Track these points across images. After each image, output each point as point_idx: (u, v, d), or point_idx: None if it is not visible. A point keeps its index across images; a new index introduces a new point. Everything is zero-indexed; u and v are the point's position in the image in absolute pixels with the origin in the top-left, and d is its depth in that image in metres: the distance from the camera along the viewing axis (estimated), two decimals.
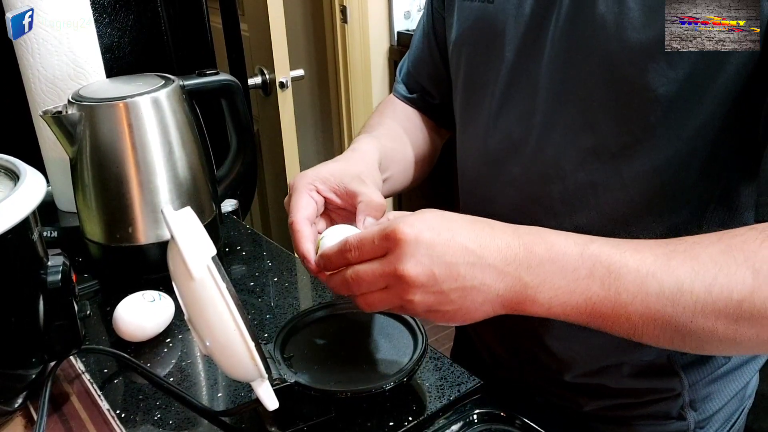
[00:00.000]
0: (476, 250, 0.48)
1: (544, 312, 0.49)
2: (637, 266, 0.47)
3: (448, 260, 0.48)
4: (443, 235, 0.48)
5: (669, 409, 0.71)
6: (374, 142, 0.75)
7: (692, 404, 0.70)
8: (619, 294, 0.47)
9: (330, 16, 2.50)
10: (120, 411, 0.66)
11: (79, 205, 0.87)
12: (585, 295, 0.48)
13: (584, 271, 0.47)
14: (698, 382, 0.70)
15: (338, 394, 0.62)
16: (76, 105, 0.81)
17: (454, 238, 0.48)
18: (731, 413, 0.75)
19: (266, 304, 0.84)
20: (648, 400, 0.71)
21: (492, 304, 0.50)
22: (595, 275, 0.47)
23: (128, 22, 1.12)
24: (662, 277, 0.46)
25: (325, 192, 0.65)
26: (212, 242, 0.52)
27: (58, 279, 0.63)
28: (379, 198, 0.63)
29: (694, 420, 0.71)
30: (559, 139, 0.64)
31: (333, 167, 0.66)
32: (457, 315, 0.51)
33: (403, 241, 0.48)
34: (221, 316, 0.52)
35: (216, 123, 0.98)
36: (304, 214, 0.62)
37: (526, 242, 0.49)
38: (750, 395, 0.78)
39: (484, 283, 0.49)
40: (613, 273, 0.47)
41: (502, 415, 0.63)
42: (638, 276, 0.47)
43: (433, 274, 0.48)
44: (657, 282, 0.46)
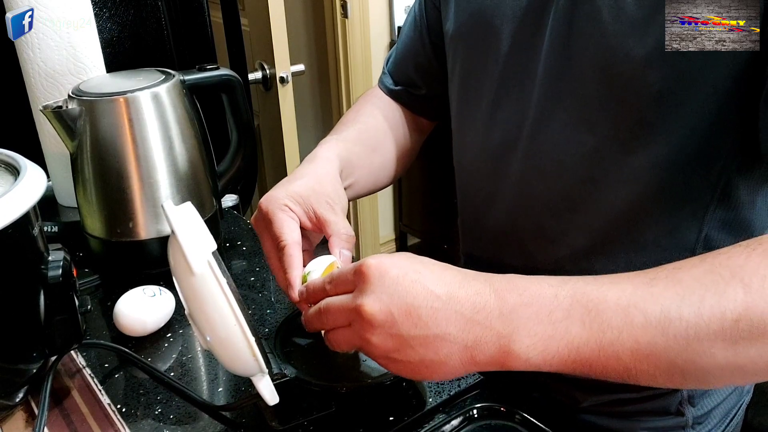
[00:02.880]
0: (442, 296, 0.45)
1: (524, 364, 0.45)
2: (617, 298, 0.43)
3: (408, 302, 0.45)
4: (409, 276, 0.46)
5: (667, 404, 0.70)
6: (336, 148, 0.74)
7: (690, 400, 0.70)
8: (603, 332, 0.43)
9: (330, 11, 2.50)
10: (121, 405, 0.66)
11: (79, 199, 0.87)
12: (565, 339, 0.44)
13: (561, 313, 0.44)
14: None
15: (338, 388, 0.62)
16: (77, 100, 0.81)
17: (420, 280, 0.46)
18: (729, 409, 0.74)
19: (266, 299, 0.84)
20: (646, 396, 0.70)
21: (460, 359, 0.45)
22: (573, 315, 0.43)
23: (128, 16, 1.12)
24: (645, 306, 0.43)
25: (299, 214, 0.64)
26: (213, 237, 0.52)
27: (58, 274, 0.64)
28: (347, 229, 0.63)
29: (692, 415, 0.71)
30: (556, 135, 0.64)
31: (300, 188, 0.65)
32: (420, 368, 0.47)
33: (367, 276, 0.47)
34: (222, 310, 0.52)
35: (216, 118, 0.98)
36: (295, 238, 0.62)
37: (498, 288, 0.46)
38: (748, 391, 0.78)
39: (449, 332, 0.45)
40: (593, 310, 0.43)
41: (502, 410, 0.63)
42: (619, 309, 0.43)
43: (391, 314, 0.45)
44: (641, 312, 0.43)
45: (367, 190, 0.82)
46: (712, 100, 0.55)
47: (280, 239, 0.62)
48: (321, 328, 0.53)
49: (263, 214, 0.65)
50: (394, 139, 0.85)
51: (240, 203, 1.13)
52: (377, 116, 0.85)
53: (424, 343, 0.45)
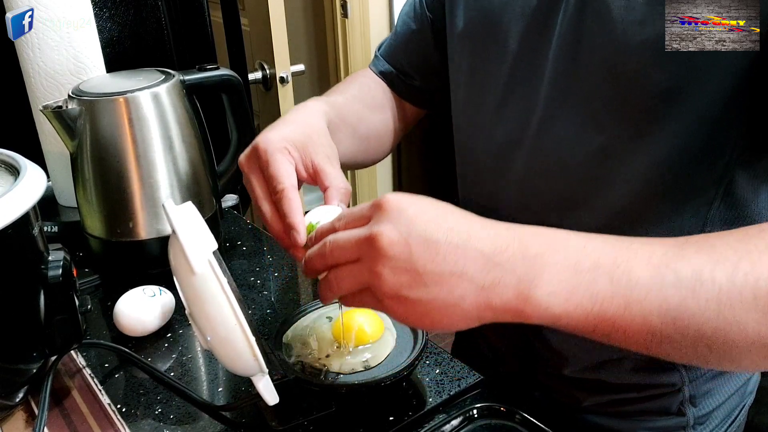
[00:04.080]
0: (462, 233, 0.42)
1: (542, 314, 0.42)
2: (648, 256, 0.41)
3: (428, 236, 0.42)
4: (430, 212, 0.44)
5: (669, 404, 0.70)
6: (323, 106, 0.71)
7: (692, 400, 0.70)
8: (630, 288, 0.40)
9: (330, 11, 2.50)
10: (121, 405, 0.66)
11: (79, 199, 0.87)
12: (590, 292, 0.41)
13: (588, 263, 0.41)
14: (699, 378, 0.69)
15: (339, 388, 0.62)
16: (77, 100, 0.81)
17: (441, 216, 0.43)
18: (731, 409, 0.74)
19: (267, 299, 0.84)
20: (648, 395, 0.70)
21: (475, 301, 0.42)
22: (601, 268, 0.41)
23: (128, 16, 1.12)
24: (677, 266, 0.40)
25: (296, 159, 0.60)
26: (213, 237, 0.52)
27: (58, 274, 0.64)
28: (344, 182, 0.61)
29: (693, 416, 0.71)
30: (562, 134, 0.63)
31: (296, 134, 0.62)
32: (430, 311, 0.43)
33: (386, 208, 0.44)
34: (222, 310, 0.52)
35: (216, 118, 0.98)
36: (292, 182, 0.58)
37: (521, 234, 0.43)
38: (751, 391, 0.77)
39: (466, 271, 0.42)
40: (621, 265, 0.41)
41: (502, 410, 0.63)
42: (650, 266, 0.40)
43: (408, 245, 0.42)
44: (672, 271, 0.40)
45: (349, 157, 0.78)
46: (718, 97, 0.55)
47: (278, 182, 0.57)
48: (323, 267, 0.48)
49: (259, 154, 0.60)
50: (383, 116, 0.83)
51: (240, 203, 1.13)
52: (365, 91, 0.83)
53: (439, 281, 0.42)
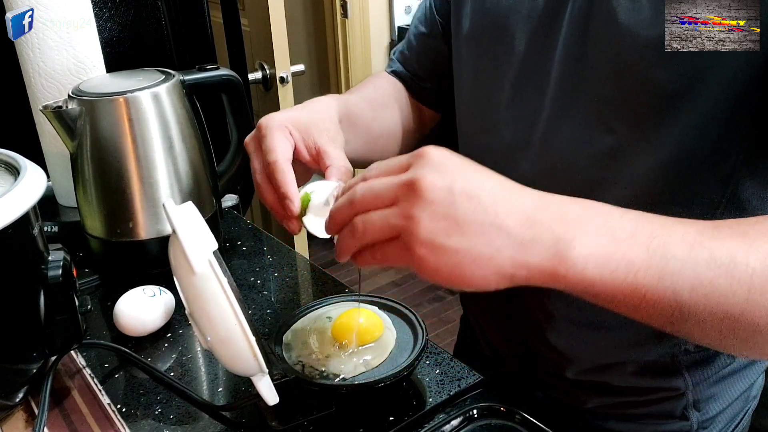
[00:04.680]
0: (505, 189, 0.43)
1: (577, 277, 0.41)
2: (683, 234, 0.41)
3: (471, 186, 0.42)
4: (474, 167, 0.44)
5: (672, 408, 0.70)
6: (335, 102, 0.71)
7: (696, 404, 0.70)
8: (666, 261, 0.40)
9: (330, 11, 2.50)
10: (121, 405, 0.66)
11: (79, 200, 0.87)
12: (626, 260, 0.41)
13: (625, 233, 0.41)
14: (702, 382, 0.69)
15: (339, 388, 0.62)
16: (77, 100, 0.81)
17: (485, 173, 0.43)
18: (735, 414, 0.74)
19: (267, 299, 0.84)
20: (651, 399, 0.70)
21: (511, 257, 0.41)
22: (638, 238, 0.41)
23: (128, 16, 1.12)
24: (712, 246, 0.41)
25: (297, 139, 0.61)
26: (213, 237, 0.52)
27: (58, 274, 0.64)
28: (346, 162, 0.60)
29: (697, 420, 0.70)
30: (569, 135, 0.63)
31: (300, 117, 0.62)
32: (465, 262, 0.42)
33: (430, 156, 0.43)
34: (222, 310, 0.52)
35: (216, 118, 0.98)
36: (286, 155, 0.58)
37: (561, 198, 0.44)
38: (755, 396, 0.77)
39: (507, 224, 0.41)
40: (657, 237, 0.41)
41: (502, 410, 0.63)
42: (686, 243, 0.41)
43: (452, 191, 0.41)
44: (707, 251, 0.40)
45: (360, 155, 0.77)
46: (724, 99, 0.55)
47: (270, 154, 0.58)
48: (350, 214, 0.46)
49: (260, 131, 0.61)
50: (395, 115, 0.82)
51: (240, 203, 1.13)
52: (380, 91, 0.83)
53: (479, 231, 0.41)
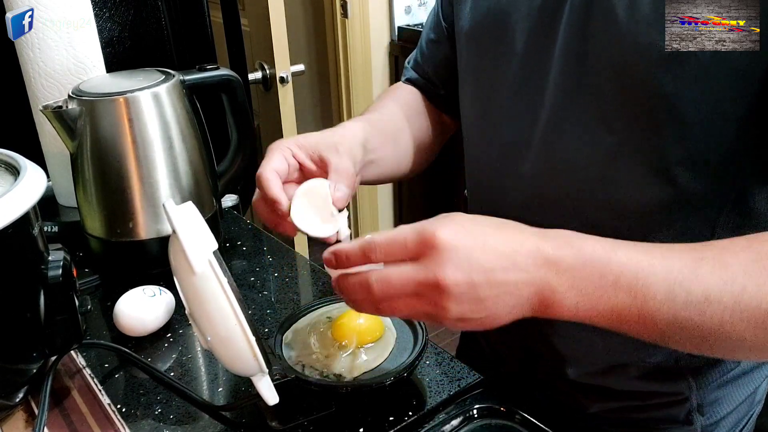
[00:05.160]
0: (510, 255, 0.48)
1: (570, 316, 0.48)
2: (665, 274, 0.46)
3: (486, 267, 0.47)
4: (479, 239, 0.48)
5: (676, 413, 0.70)
6: (361, 123, 0.75)
7: (700, 409, 0.70)
8: (645, 302, 0.46)
9: (330, 11, 2.50)
10: (121, 405, 0.66)
11: (79, 200, 0.87)
12: (611, 303, 0.47)
13: (611, 278, 0.47)
14: (706, 386, 0.69)
15: (339, 388, 0.62)
16: (77, 100, 0.81)
17: (488, 242, 0.48)
18: (740, 418, 0.74)
19: (267, 299, 0.84)
20: (655, 404, 0.70)
21: (521, 308, 0.49)
22: (621, 283, 0.47)
23: (128, 16, 1.12)
24: (690, 286, 0.46)
25: (300, 157, 0.66)
26: (213, 237, 0.52)
27: (58, 274, 0.64)
28: (347, 166, 0.65)
29: (701, 425, 0.70)
30: (570, 134, 0.63)
31: (311, 136, 0.68)
32: (487, 322, 0.49)
33: (442, 246, 0.47)
34: (222, 310, 0.52)
35: (216, 118, 0.98)
36: (272, 167, 0.64)
37: (555, 246, 0.48)
38: (759, 400, 0.76)
39: (517, 287, 0.48)
40: (641, 280, 0.46)
41: (502, 410, 0.63)
42: (666, 284, 0.46)
43: (472, 282, 0.47)
44: (685, 291, 0.46)
45: (395, 172, 0.82)
46: (725, 103, 0.54)
47: (260, 169, 0.64)
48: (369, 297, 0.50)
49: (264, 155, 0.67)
50: (414, 129, 0.84)
51: (240, 203, 1.13)
52: (395, 110, 0.84)
53: (497, 301, 0.48)
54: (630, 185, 0.61)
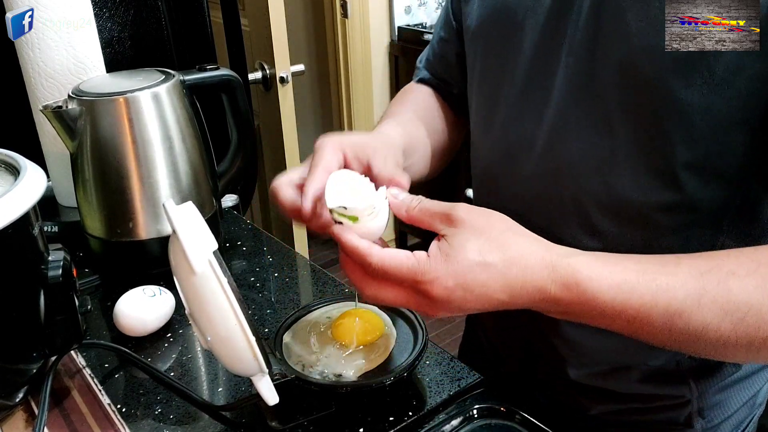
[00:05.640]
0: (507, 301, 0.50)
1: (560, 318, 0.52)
2: (667, 305, 0.48)
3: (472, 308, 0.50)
4: (475, 292, 0.49)
5: (677, 416, 0.70)
6: (399, 129, 0.74)
7: (701, 412, 0.70)
8: (642, 327, 0.49)
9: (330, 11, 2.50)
10: (121, 405, 0.66)
11: (79, 200, 0.87)
12: (608, 325, 0.50)
13: (610, 313, 0.49)
14: (708, 389, 0.69)
15: (339, 388, 0.62)
16: (77, 100, 0.81)
17: (486, 294, 0.49)
18: (741, 421, 0.73)
19: (267, 299, 0.84)
20: (656, 407, 0.70)
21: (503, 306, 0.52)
22: (622, 318, 0.49)
23: (128, 16, 1.12)
24: (690, 316, 0.47)
25: (350, 157, 0.61)
26: (213, 237, 0.52)
27: (58, 274, 0.64)
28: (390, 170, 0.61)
29: (701, 428, 0.70)
30: (573, 138, 0.63)
31: (358, 136, 0.65)
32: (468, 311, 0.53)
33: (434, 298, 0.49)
34: (222, 310, 0.52)
35: (216, 118, 0.98)
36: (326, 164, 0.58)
37: (559, 286, 0.49)
38: (761, 403, 0.76)
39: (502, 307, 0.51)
40: (642, 314, 0.48)
41: (502, 410, 0.63)
42: (667, 315, 0.48)
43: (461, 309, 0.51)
44: (684, 321, 0.48)
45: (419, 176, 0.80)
46: (735, 108, 0.54)
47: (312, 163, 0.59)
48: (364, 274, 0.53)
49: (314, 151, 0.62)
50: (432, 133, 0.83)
51: (240, 203, 1.13)
52: (421, 109, 0.84)
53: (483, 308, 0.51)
54: (634, 189, 0.60)
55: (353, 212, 0.53)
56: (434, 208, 0.52)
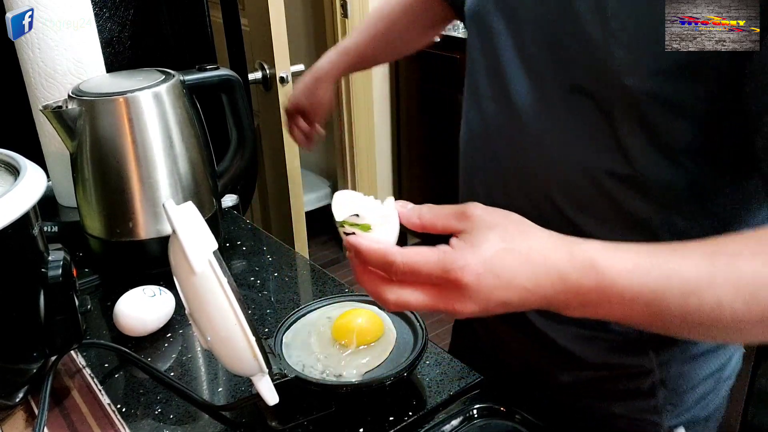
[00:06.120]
0: (532, 289, 0.49)
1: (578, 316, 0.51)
2: (681, 285, 0.48)
3: (501, 299, 0.49)
4: (502, 277, 0.48)
5: (640, 385, 0.72)
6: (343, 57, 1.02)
7: (663, 382, 0.71)
8: (660, 311, 0.49)
9: (330, 11, 2.50)
10: (121, 405, 0.66)
11: (79, 200, 0.87)
12: (626, 314, 0.50)
13: (629, 297, 0.49)
14: (670, 361, 0.71)
15: (339, 388, 0.62)
16: (77, 100, 0.81)
17: (513, 281, 0.49)
18: (706, 393, 0.75)
19: (266, 299, 0.85)
20: (622, 375, 0.72)
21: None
22: (639, 301, 0.49)
23: (128, 16, 1.12)
24: (702, 294, 0.48)
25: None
26: (213, 237, 0.52)
27: (58, 274, 0.64)
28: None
29: (664, 397, 0.72)
30: (543, 125, 0.64)
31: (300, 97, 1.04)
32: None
33: (465, 286, 0.48)
34: (222, 310, 0.52)
35: (216, 118, 0.98)
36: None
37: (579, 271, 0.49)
38: (729, 377, 0.77)
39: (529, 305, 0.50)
40: (657, 297, 0.48)
41: (502, 410, 0.64)
42: (681, 295, 0.48)
43: (486, 310, 0.49)
44: (698, 301, 0.48)
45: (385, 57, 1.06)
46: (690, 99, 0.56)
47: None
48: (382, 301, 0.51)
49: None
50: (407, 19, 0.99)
51: (240, 203, 1.13)
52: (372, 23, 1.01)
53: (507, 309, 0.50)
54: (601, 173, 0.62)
55: (366, 220, 0.52)
56: (447, 210, 0.52)
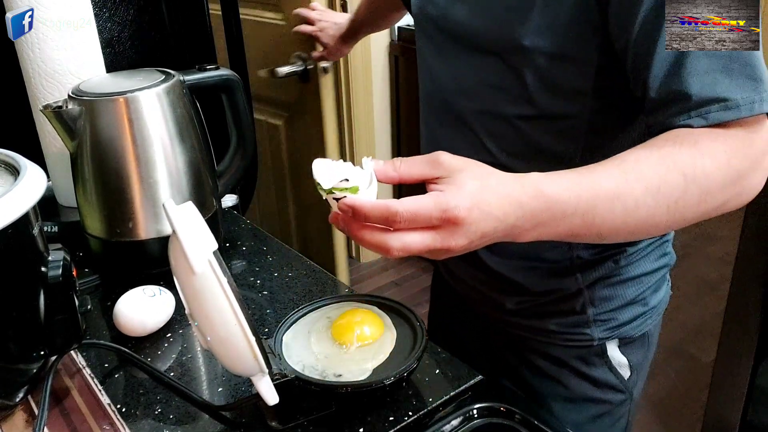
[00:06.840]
0: (502, 218, 0.56)
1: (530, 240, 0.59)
2: (606, 194, 0.57)
3: (484, 231, 0.55)
4: (484, 209, 0.55)
5: (573, 304, 0.84)
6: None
7: (592, 301, 0.84)
8: (594, 220, 0.58)
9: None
10: (121, 405, 0.66)
11: (79, 199, 0.87)
12: (568, 228, 0.58)
13: (570, 211, 0.57)
14: (594, 282, 0.83)
15: (339, 388, 0.62)
16: (77, 100, 0.81)
17: (491, 213, 0.55)
18: (633, 316, 0.86)
19: (266, 299, 0.85)
20: (556, 297, 0.84)
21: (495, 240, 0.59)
22: (578, 213, 0.57)
23: (128, 16, 1.12)
24: (625, 199, 0.57)
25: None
26: (213, 237, 0.52)
27: (58, 274, 0.64)
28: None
29: (593, 313, 0.84)
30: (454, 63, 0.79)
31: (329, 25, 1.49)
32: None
33: (461, 221, 0.54)
34: (222, 310, 0.52)
35: (216, 118, 0.98)
36: None
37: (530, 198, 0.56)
38: (654, 307, 0.88)
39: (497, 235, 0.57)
40: (591, 206, 0.57)
41: (502, 410, 0.64)
42: (608, 202, 0.57)
43: (471, 243, 0.56)
44: (622, 204, 0.57)
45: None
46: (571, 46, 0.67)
47: None
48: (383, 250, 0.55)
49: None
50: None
51: (240, 203, 1.13)
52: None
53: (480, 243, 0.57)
54: (500, 105, 0.75)
55: (355, 182, 0.55)
56: (418, 159, 0.58)
